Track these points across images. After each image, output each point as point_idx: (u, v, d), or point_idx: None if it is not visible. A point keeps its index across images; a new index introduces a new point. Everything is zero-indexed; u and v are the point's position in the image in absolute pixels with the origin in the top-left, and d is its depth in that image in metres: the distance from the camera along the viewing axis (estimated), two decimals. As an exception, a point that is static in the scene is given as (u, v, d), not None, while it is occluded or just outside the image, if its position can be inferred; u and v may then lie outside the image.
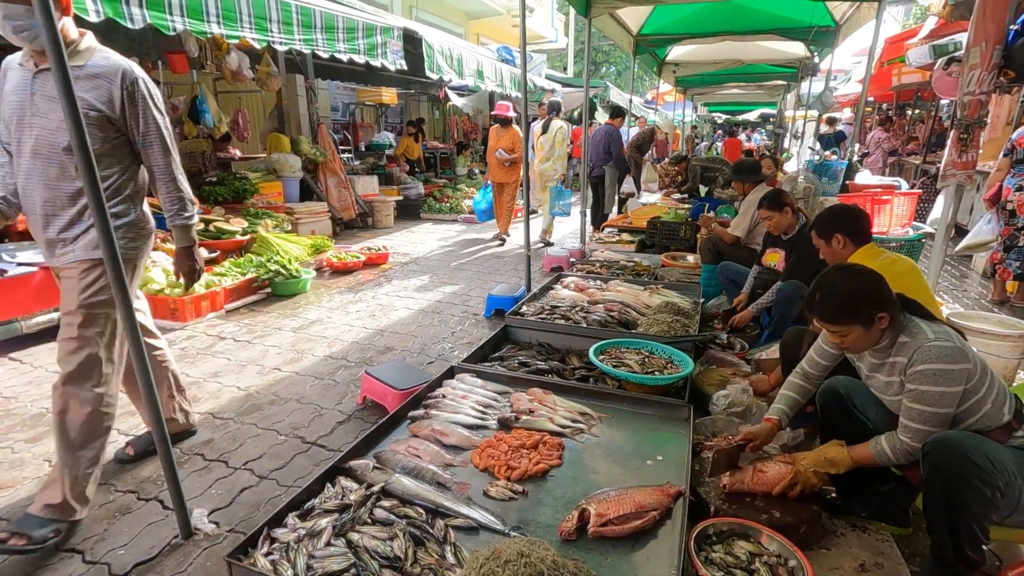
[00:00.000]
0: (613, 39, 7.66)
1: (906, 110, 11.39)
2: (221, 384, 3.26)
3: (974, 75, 2.93)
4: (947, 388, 1.63)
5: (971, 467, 1.53)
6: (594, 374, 2.89)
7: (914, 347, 1.70)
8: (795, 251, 3.41)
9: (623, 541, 1.72)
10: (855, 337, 1.76)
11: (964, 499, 1.56)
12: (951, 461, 1.57)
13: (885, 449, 1.76)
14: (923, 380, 1.66)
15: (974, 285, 5.47)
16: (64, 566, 1.89)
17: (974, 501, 1.55)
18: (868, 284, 1.76)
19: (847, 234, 2.50)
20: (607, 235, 6.65)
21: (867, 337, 1.76)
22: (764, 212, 3.50)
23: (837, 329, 1.78)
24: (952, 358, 1.64)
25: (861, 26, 6.57)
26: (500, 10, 14.74)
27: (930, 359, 1.65)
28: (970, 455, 1.54)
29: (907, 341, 1.74)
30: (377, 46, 5.17)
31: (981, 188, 6.45)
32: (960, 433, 1.63)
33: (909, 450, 1.71)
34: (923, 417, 1.67)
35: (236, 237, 5.39)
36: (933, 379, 1.64)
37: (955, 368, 1.63)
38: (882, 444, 1.77)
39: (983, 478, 1.53)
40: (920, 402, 1.67)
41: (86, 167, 1.57)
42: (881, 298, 1.74)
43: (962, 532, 1.60)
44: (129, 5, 3.16)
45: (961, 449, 1.56)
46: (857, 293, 1.74)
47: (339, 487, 1.91)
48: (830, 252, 2.57)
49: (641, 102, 16.01)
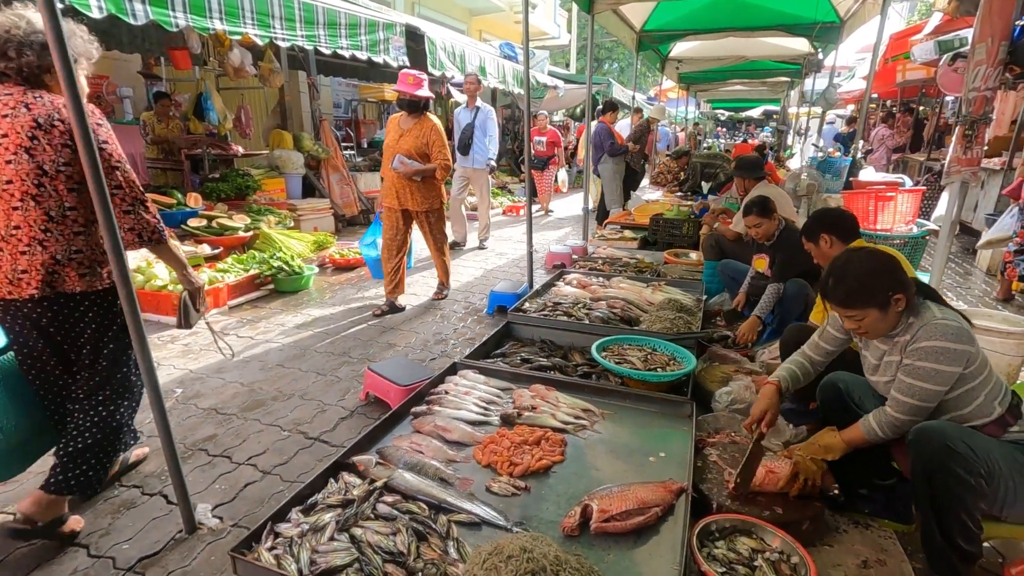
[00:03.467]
0: (616, 35, 7.62)
1: (911, 107, 11.33)
2: (224, 380, 3.27)
3: (980, 71, 2.91)
4: (944, 367, 1.63)
5: (952, 455, 1.55)
6: (596, 371, 2.89)
7: (919, 324, 1.70)
8: (778, 255, 3.41)
9: (626, 537, 1.73)
10: (871, 321, 1.73)
11: (948, 486, 1.57)
12: (932, 449, 1.58)
13: (872, 425, 1.77)
14: (922, 356, 1.66)
15: (978, 282, 5.45)
16: (69, 560, 1.90)
17: (957, 488, 1.57)
18: (883, 264, 1.74)
19: (833, 233, 2.52)
20: (610, 232, 6.64)
21: (884, 321, 1.73)
22: (753, 219, 3.45)
23: (853, 313, 1.74)
24: (957, 337, 1.63)
25: (866, 22, 6.54)
26: (503, 6, 14.70)
27: (933, 335, 1.65)
28: (950, 443, 1.56)
29: (913, 321, 1.73)
30: (380, 42, 5.17)
31: (986, 185, 6.42)
32: (942, 423, 1.65)
33: (895, 423, 1.72)
34: (912, 391, 1.68)
35: (239, 233, 5.40)
36: (933, 355, 1.64)
37: (956, 348, 1.63)
38: (869, 421, 1.79)
39: (965, 466, 1.55)
40: (914, 376, 1.68)
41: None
42: (897, 279, 1.71)
43: (950, 521, 1.61)
44: (132, 1, 3.16)
45: (941, 437, 1.58)
46: (872, 273, 1.72)
47: (342, 482, 1.92)
48: (820, 253, 2.60)
49: (644, 98, 15.96)
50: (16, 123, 1.75)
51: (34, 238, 1.80)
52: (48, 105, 1.79)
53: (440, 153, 4.15)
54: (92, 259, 1.91)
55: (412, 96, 4.07)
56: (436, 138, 4.15)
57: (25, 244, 1.80)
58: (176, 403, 2.98)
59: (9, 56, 1.77)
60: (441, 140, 4.15)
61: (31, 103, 1.77)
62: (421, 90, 4.09)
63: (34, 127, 1.75)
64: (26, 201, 1.78)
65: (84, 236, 1.88)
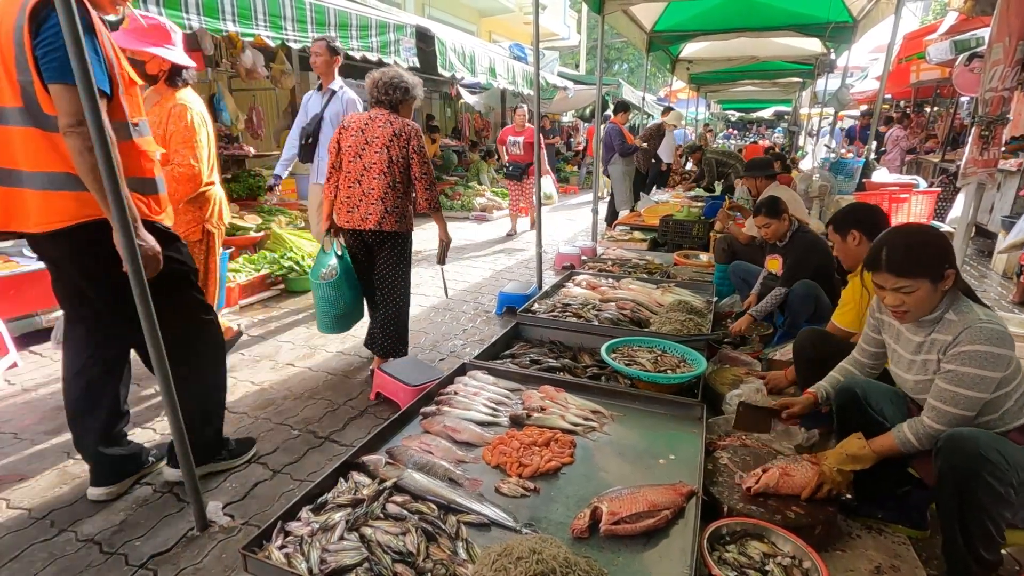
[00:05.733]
0: (626, 36, 7.60)
1: (924, 107, 11.19)
2: (236, 379, 3.30)
3: (997, 71, 2.87)
4: (989, 372, 1.59)
5: (985, 463, 1.51)
6: (606, 372, 2.88)
7: (962, 326, 1.64)
8: (789, 257, 3.37)
9: (635, 540, 1.72)
10: (919, 296, 1.67)
11: (977, 495, 1.54)
12: (965, 456, 1.54)
13: (908, 436, 1.71)
14: (966, 361, 1.60)
15: (993, 285, 5.37)
16: (82, 556, 1.92)
17: (986, 497, 1.53)
18: (936, 237, 1.72)
19: (863, 230, 2.45)
20: (619, 233, 6.62)
21: (930, 298, 1.68)
22: (762, 219, 3.42)
23: (905, 284, 1.67)
24: (1002, 341, 1.59)
25: (879, 22, 6.47)
26: (512, 7, 14.71)
27: (979, 340, 1.59)
28: (983, 451, 1.52)
29: (955, 320, 1.68)
30: (390, 44, 5.19)
31: (1003, 186, 6.34)
32: (974, 430, 1.61)
33: (933, 433, 1.66)
34: (956, 399, 1.62)
35: (250, 234, 5.44)
36: (978, 361, 1.59)
37: (1001, 353, 1.59)
38: (904, 431, 1.73)
39: (997, 475, 1.51)
40: (957, 384, 1.62)
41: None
42: (949, 253, 1.68)
43: (974, 529, 1.57)
44: (146, 3, 3.20)
45: (974, 445, 1.54)
46: (928, 244, 1.70)
47: (352, 482, 1.92)
48: (844, 248, 2.52)
49: (654, 99, 15.90)
50: (384, 132, 2.97)
51: (379, 196, 3.00)
52: (399, 123, 2.99)
53: (179, 154, 2.83)
54: (403, 213, 3.09)
55: (143, 56, 2.66)
56: (178, 128, 2.81)
57: (373, 200, 3.00)
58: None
59: (388, 93, 3.01)
60: (184, 134, 2.81)
61: (392, 121, 2.99)
62: (170, 47, 2.67)
63: (392, 135, 2.97)
64: (380, 176, 2.98)
65: (402, 200, 3.07)
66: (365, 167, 2.99)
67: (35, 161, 1.76)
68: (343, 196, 3.08)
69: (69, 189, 1.79)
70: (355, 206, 3.04)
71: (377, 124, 2.98)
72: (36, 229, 1.83)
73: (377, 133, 2.96)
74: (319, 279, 3.17)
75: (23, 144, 1.75)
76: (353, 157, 3.00)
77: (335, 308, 3.19)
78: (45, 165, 1.77)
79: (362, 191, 3.01)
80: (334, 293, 3.15)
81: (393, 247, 3.12)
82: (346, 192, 3.06)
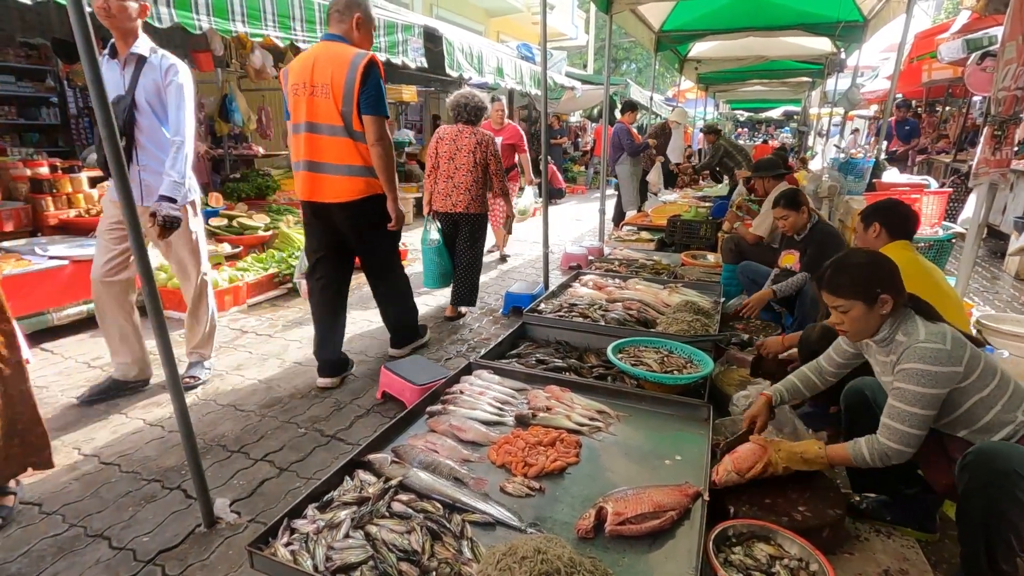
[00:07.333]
0: (634, 36, 7.56)
1: (936, 107, 11.06)
2: (243, 377, 3.32)
3: (1010, 70, 2.84)
4: (928, 389, 1.62)
5: (1019, 481, 1.49)
6: (612, 372, 2.88)
7: (904, 347, 1.69)
8: (810, 248, 3.35)
9: (640, 540, 1.71)
10: (855, 316, 1.75)
11: (1006, 511, 1.52)
12: (996, 472, 1.51)
13: (863, 451, 1.74)
14: (906, 379, 1.65)
15: (1006, 287, 5.31)
16: (91, 551, 1.94)
17: (1015, 513, 1.51)
18: (880, 264, 1.77)
19: (885, 225, 2.47)
20: (626, 233, 6.60)
21: (867, 319, 1.74)
22: (780, 211, 3.42)
23: (839, 303, 1.77)
24: (936, 360, 1.61)
25: (890, 21, 6.39)
26: (520, 7, 14.71)
27: (914, 358, 1.64)
28: (1017, 468, 1.49)
29: (903, 340, 1.72)
30: (398, 44, 5.19)
31: (1016, 187, 6.25)
32: (1007, 444, 1.58)
33: (888, 452, 1.69)
34: (902, 416, 1.66)
35: (258, 233, 5.48)
36: (915, 378, 1.63)
37: (938, 370, 1.61)
38: (860, 446, 1.76)
39: None
40: (901, 400, 1.66)
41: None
42: (890, 281, 1.73)
43: (997, 543, 1.55)
44: (157, 4, 3.22)
45: (1006, 462, 1.51)
46: (865, 267, 1.75)
47: (357, 480, 1.93)
48: (864, 239, 2.56)
49: (662, 99, 15.83)
50: (470, 141, 4.11)
51: (466, 188, 4.13)
52: (480, 134, 4.13)
53: None
54: (482, 201, 4.23)
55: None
56: None
57: (463, 191, 4.14)
58: (196, 399, 3.03)
59: (468, 111, 4.13)
60: None
61: (475, 133, 4.13)
62: None
63: (476, 143, 4.11)
64: (467, 174, 4.13)
65: (481, 190, 4.20)
66: (456, 167, 4.14)
67: (341, 157, 2.85)
68: (440, 188, 4.21)
69: (362, 176, 2.90)
70: (448, 195, 4.18)
71: (464, 136, 4.15)
72: (333, 199, 2.92)
73: (464, 142, 4.13)
74: (427, 246, 4.21)
75: (333, 147, 2.84)
76: (447, 160, 4.16)
77: (439, 268, 4.27)
78: (348, 160, 2.86)
79: (453, 184, 4.16)
80: (437, 257, 4.23)
81: (474, 224, 4.26)
82: (443, 185, 4.19)
